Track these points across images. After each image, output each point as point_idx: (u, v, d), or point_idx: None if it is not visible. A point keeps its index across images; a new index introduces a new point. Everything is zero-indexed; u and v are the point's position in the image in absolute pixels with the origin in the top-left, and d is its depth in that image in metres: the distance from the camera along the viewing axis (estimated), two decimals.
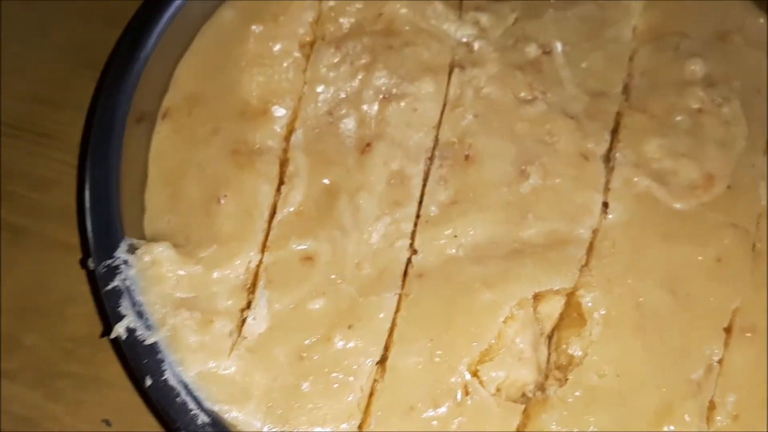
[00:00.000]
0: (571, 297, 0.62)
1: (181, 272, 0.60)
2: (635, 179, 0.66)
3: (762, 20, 0.77)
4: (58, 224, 0.73)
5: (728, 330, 0.61)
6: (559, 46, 0.74)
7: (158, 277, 0.59)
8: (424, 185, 0.66)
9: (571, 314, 0.61)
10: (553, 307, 0.61)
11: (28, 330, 0.69)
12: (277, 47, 0.73)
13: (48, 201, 0.75)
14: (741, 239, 0.64)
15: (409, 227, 0.63)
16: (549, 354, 0.61)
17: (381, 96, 0.69)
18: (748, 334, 0.61)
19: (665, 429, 0.58)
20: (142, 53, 0.70)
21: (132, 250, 0.60)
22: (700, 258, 0.63)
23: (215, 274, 0.61)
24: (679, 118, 0.70)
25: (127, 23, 0.72)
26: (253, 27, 0.74)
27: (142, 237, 0.63)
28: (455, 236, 0.62)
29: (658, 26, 0.76)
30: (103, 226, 0.61)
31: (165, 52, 0.72)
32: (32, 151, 0.77)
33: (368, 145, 0.66)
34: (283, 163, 0.67)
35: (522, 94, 0.71)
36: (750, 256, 0.64)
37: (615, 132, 0.70)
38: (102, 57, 0.75)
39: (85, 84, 0.76)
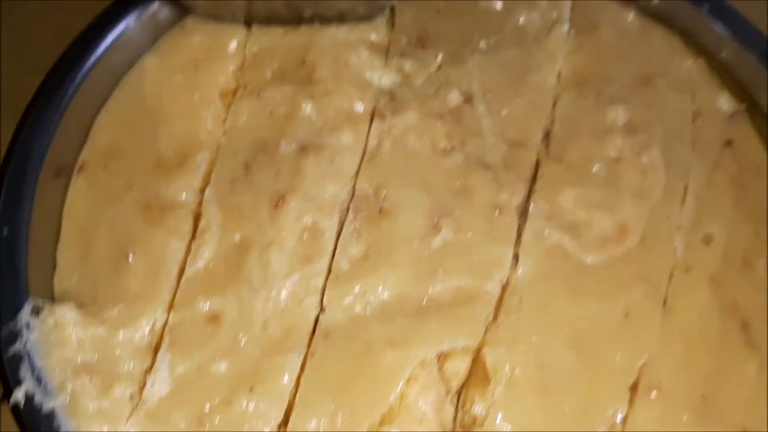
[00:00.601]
0: (477, 354, 0.62)
1: (85, 334, 0.60)
2: (547, 232, 0.66)
3: (689, 61, 0.77)
4: None
5: (634, 388, 0.61)
6: (480, 94, 0.74)
7: (60, 341, 0.60)
8: (337, 239, 0.65)
9: (479, 372, 0.62)
10: (459, 365, 0.62)
11: None
12: (197, 96, 0.72)
13: None
14: (651, 294, 0.64)
15: (320, 284, 0.63)
16: (456, 413, 0.61)
17: (299, 147, 0.69)
18: (654, 392, 0.61)
19: None
20: (59, 105, 0.70)
21: (36, 311, 0.60)
22: (608, 314, 0.63)
23: (120, 336, 0.61)
24: (595, 168, 0.70)
25: (47, 73, 0.72)
26: (174, 75, 0.73)
27: (51, 295, 0.63)
28: (364, 293, 0.63)
29: (583, 71, 0.76)
30: (10, 288, 0.61)
31: (85, 103, 0.72)
32: None
33: (282, 198, 0.66)
34: (197, 218, 0.66)
35: (441, 145, 0.71)
36: (660, 311, 0.64)
37: (532, 182, 0.70)
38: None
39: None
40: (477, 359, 0.62)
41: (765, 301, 0.66)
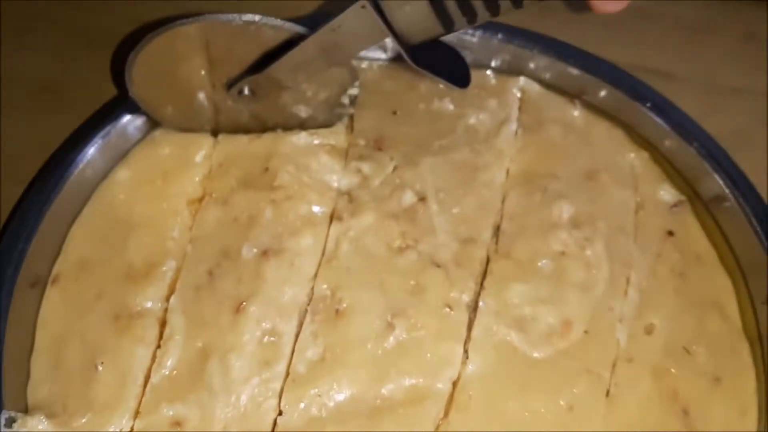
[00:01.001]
0: None
1: None
2: (495, 328, 0.70)
3: (632, 155, 0.81)
4: None
5: None
6: (433, 193, 0.78)
7: None
8: (295, 342, 0.69)
9: None
10: None
11: None
12: (165, 206, 0.77)
13: None
14: (594, 385, 0.68)
15: (278, 387, 0.67)
16: None
17: (260, 252, 0.73)
18: None
19: None
20: (36, 218, 0.74)
21: (9, 423, 0.63)
22: (553, 407, 0.66)
23: None
24: (542, 263, 0.74)
25: (25, 187, 0.76)
26: (144, 186, 0.78)
27: (25, 405, 0.66)
28: (319, 396, 0.66)
29: (530, 168, 0.81)
30: None
31: (59, 216, 0.76)
32: None
33: (242, 304, 0.69)
34: (163, 326, 0.70)
35: (396, 244, 0.75)
36: (602, 402, 0.67)
37: (483, 278, 0.73)
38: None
39: None
40: None
41: (704, 387, 0.69)
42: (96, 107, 0.82)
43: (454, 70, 0.77)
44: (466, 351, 0.69)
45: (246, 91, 0.78)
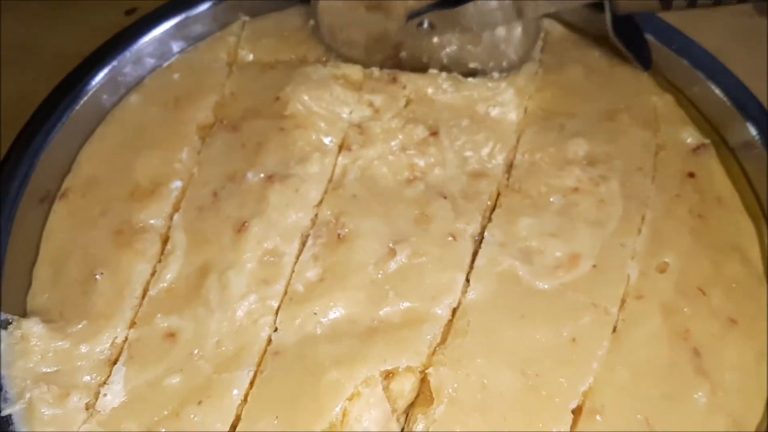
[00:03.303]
0: (424, 375, 0.63)
1: (48, 347, 0.64)
2: (499, 258, 0.68)
3: (655, 97, 0.79)
4: None
5: (577, 411, 0.62)
6: (445, 129, 0.76)
7: (25, 352, 0.63)
8: (295, 263, 0.68)
9: (425, 392, 0.63)
10: (404, 385, 0.63)
11: None
12: (176, 130, 0.77)
13: None
14: (599, 319, 0.65)
15: (276, 305, 0.66)
16: (401, 431, 0.63)
17: (266, 177, 0.72)
18: (598, 417, 0.61)
19: None
20: (46, 137, 0.75)
21: (5, 325, 0.64)
22: (554, 338, 0.64)
23: (81, 349, 0.64)
24: (553, 199, 0.72)
25: (38, 105, 0.77)
26: (155, 110, 0.78)
27: (24, 311, 0.67)
28: (315, 314, 0.65)
29: (548, 107, 0.79)
30: None
31: (71, 136, 0.77)
32: None
33: (244, 224, 0.69)
34: (165, 242, 0.70)
35: (404, 175, 0.73)
36: (607, 337, 0.64)
37: (492, 211, 0.72)
38: None
39: None
40: (423, 380, 0.63)
41: (718, 328, 0.66)
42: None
43: (641, 50, 0.80)
44: (468, 280, 0.67)
45: (426, 24, 0.78)
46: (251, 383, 0.62)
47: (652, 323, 0.66)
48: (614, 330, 0.65)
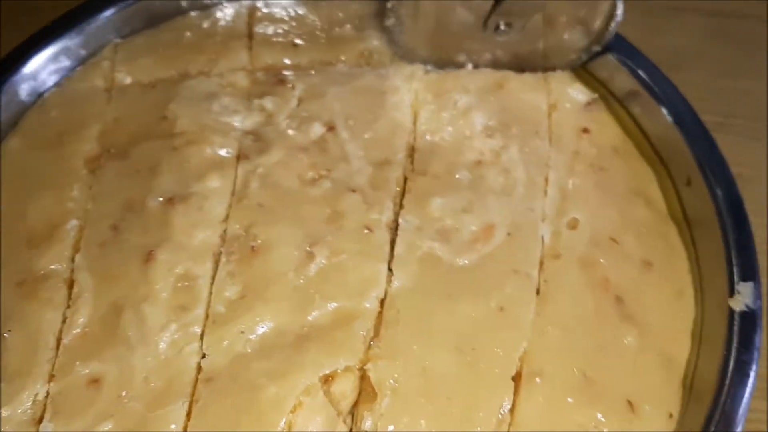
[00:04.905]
0: (363, 372, 0.62)
1: None
2: (418, 242, 0.68)
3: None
4: None
5: (517, 378, 0.62)
6: (342, 122, 0.76)
7: None
8: (212, 284, 0.66)
9: (367, 389, 0.62)
10: (345, 386, 0.62)
11: None
12: (62, 167, 0.73)
13: None
14: (522, 285, 0.66)
15: (199, 330, 0.64)
16: None
17: (165, 200, 0.70)
18: (537, 379, 0.62)
19: None
20: None
21: None
22: (483, 310, 0.64)
23: (3, 414, 0.60)
24: (459, 175, 0.72)
25: None
26: (37, 150, 0.74)
27: None
28: (242, 332, 0.63)
29: (439, 86, 0.79)
30: None
31: None
32: None
33: (150, 253, 0.66)
34: (71, 286, 0.66)
35: (308, 176, 0.72)
36: (533, 301, 0.65)
37: (402, 197, 0.71)
38: None
39: None
40: (363, 377, 0.62)
41: (635, 272, 0.68)
42: None
43: None
44: (390, 270, 0.66)
45: (502, 26, 0.76)
46: (188, 415, 0.60)
47: (573, 279, 0.67)
48: (538, 292, 0.66)
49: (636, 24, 0.79)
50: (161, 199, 0.70)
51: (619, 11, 0.76)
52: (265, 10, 0.84)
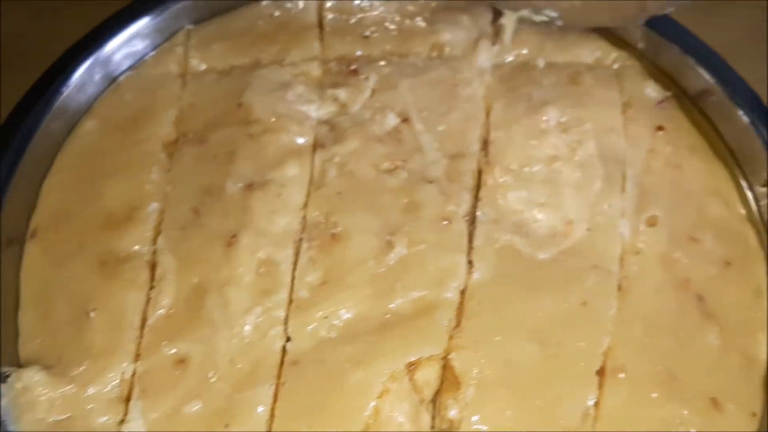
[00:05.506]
0: (446, 361, 0.63)
1: (55, 394, 0.60)
2: (496, 235, 0.68)
3: (614, 55, 0.80)
4: None
5: (601, 373, 0.62)
6: (416, 113, 0.76)
7: (30, 403, 0.60)
8: (294, 269, 0.66)
9: (449, 378, 0.63)
10: (429, 374, 0.62)
11: None
12: (139, 150, 0.73)
13: None
14: (603, 280, 0.66)
15: (282, 314, 0.64)
16: (433, 420, 0.62)
17: (245, 186, 0.70)
18: (621, 375, 0.62)
19: None
20: (3, 178, 0.70)
21: (3, 379, 0.60)
22: (565, 305, 0.64)
23: (89, 391, 0.61)
24: (535, 168, 0.72)
25: None
26: (113, 133, 0.74)
27: (17, 361, 0.63)
28: (326, 317, 0.63)
29: (512, 80, 0.79)
30: None
31: (29, 172, 0.72)
32: None
33: (233, 237, 0.67)
34: (153, 267, 0.67)
35: (384, 165, 0.72)
36: (614, 296, 0.65)
37: (477, 190, 0.71)
38: None
39: None
40: (446, 366, 0.62)
41: (715, 271, 0.68)
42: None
43: None
44: (470, 261, 0.67)
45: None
46: (274, 397, 0.60)
47: (654, 276, 0.67)
48: (619, 288, 0.66)
49: (690, 17, 0.78)
50: (240, 184, 0.70)
51: None
52: (335, 2, 0.84)
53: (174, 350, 0.62)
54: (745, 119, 0.74)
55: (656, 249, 0.68)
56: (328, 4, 0.83)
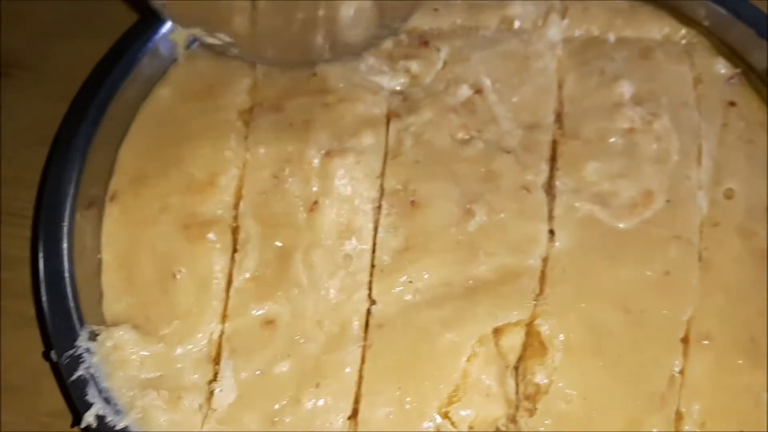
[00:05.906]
0: (530, 327, 0.63)
1: (144, 353, 0.61)
2: (577, 204, 0.68)
3: (683, 31, 0.80)
4: (29, 300, 0.72)
5: (685, 340, 0.63)
6: (489, 85, 0.76)
7: (122, 361, 0.60)
8: (375, 235, 0.66)
9: (534, 344, 0.63)
10: (514, 339, 0.63)
11: (5, 409, 0.69)
12: (216, 118, 0.74)
13: (18, 278, 0.74)
14: (685, 250, 0.66)
15: (365, 278, 0.64)
16: (517, 385, 0.62)
17: (324, 153, 0.70)
18: (705, 342, 0.62)
19: None
20: (82, 141, 0.70)
21: (93, 337, 0.60)
22: (648, 273, 0.65)
23: (178, 350, 0.61)
24: (612, 140, 0.72)
25: (65, 112, 0.73)
26: (189, 100, 0.74)
27: (103, 322, 0.63)
28: (410, 282, 0.64)
29: (582, 53, 0.79)
30: (62, 318, 0.61)
31: (106, 137, 0.73)
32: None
33: (315, 203, 0.67)
34: (235, 231, 0.67)
35: (459, 135, 0.72)
36: (696, 266, 0.65)
37: (553, 161, 0.72)
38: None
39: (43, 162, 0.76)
40: (530, 332, 0.63)
41: None
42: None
43: None
44: (551, 231, 0.67)
45: None
46: (362, 359, 0.61)
47: (733, 247, 0.67)
48: (700, 258, 0.66)
49: None
50: (321, 151, 0.70)
51: None
52: None
53: (261, 311, 0.63)
54: None
55: (734, 221, 0.69)
56: None
